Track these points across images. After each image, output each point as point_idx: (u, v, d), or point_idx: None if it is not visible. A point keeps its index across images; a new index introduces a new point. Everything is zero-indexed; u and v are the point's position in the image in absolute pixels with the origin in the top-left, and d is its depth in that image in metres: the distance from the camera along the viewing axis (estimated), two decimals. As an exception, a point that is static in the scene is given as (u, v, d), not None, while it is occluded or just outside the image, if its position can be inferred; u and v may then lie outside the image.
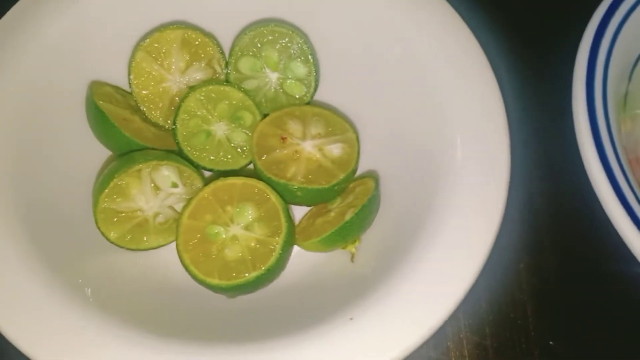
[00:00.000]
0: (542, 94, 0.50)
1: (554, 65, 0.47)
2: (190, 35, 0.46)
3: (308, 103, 0.48)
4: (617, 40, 0.46)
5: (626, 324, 0.45)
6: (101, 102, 0.43)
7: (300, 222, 0.45)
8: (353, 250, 0.43)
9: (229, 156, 0.45)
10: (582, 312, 0.45)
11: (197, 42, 0.46)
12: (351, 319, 0.36)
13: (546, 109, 0.49)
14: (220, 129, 0.45)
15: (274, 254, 0.40)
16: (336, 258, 0.43)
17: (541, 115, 0.49)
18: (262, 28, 0.47)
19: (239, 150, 0.45)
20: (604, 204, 0.42)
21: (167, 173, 0.42)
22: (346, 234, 0.41)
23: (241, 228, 0.41)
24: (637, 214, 0.39)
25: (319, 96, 0.49)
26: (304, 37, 0.47)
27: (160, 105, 0.46)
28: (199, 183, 0.43)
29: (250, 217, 0.41)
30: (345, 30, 0.48)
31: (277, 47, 0.47)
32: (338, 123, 0.46)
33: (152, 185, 0.41)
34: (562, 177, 0.48)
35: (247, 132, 0.46)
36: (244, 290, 0.40)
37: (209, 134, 0.45)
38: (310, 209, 0.46)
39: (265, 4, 0.48)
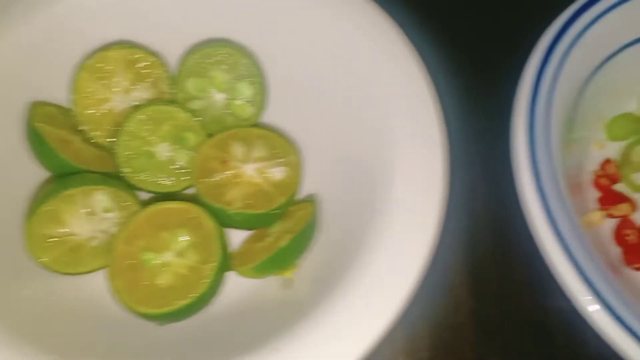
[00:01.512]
0: (485, 116, 0.50)
1: (500, 88, 0.46)
2: (136, 54, 0.46)
3: (255, 124, 0.47)
4: (565, 62, 0.46)
5: (562, 344, 0.44)
6: (39, 124, 0.42)
7: (241, 245, 0.45)
8: (290, 276, 0.42)
9: (171, 178, 0.45)
10: (521, 333, 0.45)
11: (142, 62, 0.46)
12: (275, 349, 0.36)
13: (489, 132, 0.49)
14: (163, 151, 0.45)
15: (204, 281, 0.39)
16: (273, 284, 0.42)
17: (484, 137, 0.49)
18: (209, 48, 0.46)
19: (181, 172, 0.45)
20: (537, 237, 0.41)
21: (100, 198, 0.41)
22: (281, 260, 0.41)
23: (174, 254, 0.40)
24: (570, 248, 0.38)
25: (267, 117, 0.48)
26: (252, 57, 0.47)
27: (103, 126, 0.46)
28: (135, 207, 0.42)
29: (184, 243, 0.40)
30: (293, 51, 0.47)
31: (224, 67, 0.46)
32: (282, 145, 0.45)
33: (86, 210, 0.41)
34: (503, 200, 0.47)
35: (191, 154, 0.45)
36: (173, 318, 0.39)
37: (151, 155, 0.45)
38: (252, 233, 0.45)
39: (212, 24, 0.47)
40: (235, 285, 0.42)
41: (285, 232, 0.42)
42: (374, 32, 0.45)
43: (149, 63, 0.46)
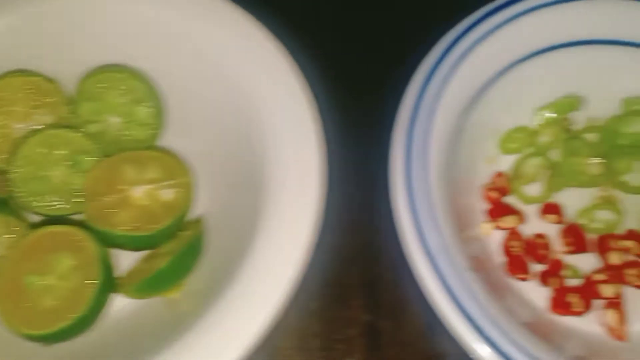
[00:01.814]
0: (369, 137, 0.51)
1: (385, 109, 0.48)
2: (33, 81, 0.47)
3: (150, 146, 0.49)
4: (450, 80, 0.47)
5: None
6: None
7: (133, 266, 0.46)
8: (175, 296, 0.44)
9: (64, 202, 0.46)
10: (412, 349, 0.46)
11: (40, 88, 0.47)
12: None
13: (371, 154, 0.50)
14: (58, 174, 0.46)
15: (85, 303, 0.41)
16: (158, 304, 0.44)
17: (366, 157, 0.51)
18: (104, 73, 0.48)
19: (75, 195, 0.46)
20: (409, 258, 0.42)
21: (-12, 224, 0.43)
22: (161, 281, 0.42)
23: (57, 277, 0.41)
24: (439, 267, 0.40)
25: (165, 139, 0.49)
26: (147, 81, 0.48)
27: (1, 152, 0.47)
28: (24, 231, 0.44)
29: (67, 265, 0.42)
30: (190, 74, 0.49)
31: (120, 91, 0.48)
32: (174, 167, 0.46)
33: (-26, 236, 0.43)
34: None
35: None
36: (56, 339, 0.41)
37: (46, 179, 0.46)
38: (145, 253, 0.46)
39: (107, 49, 0.49)
40: (122, 306, 0.43)
41: (168, 253, 0.43)
42: (263, 56, 0.47)
43: (46, 89, 0.48)
